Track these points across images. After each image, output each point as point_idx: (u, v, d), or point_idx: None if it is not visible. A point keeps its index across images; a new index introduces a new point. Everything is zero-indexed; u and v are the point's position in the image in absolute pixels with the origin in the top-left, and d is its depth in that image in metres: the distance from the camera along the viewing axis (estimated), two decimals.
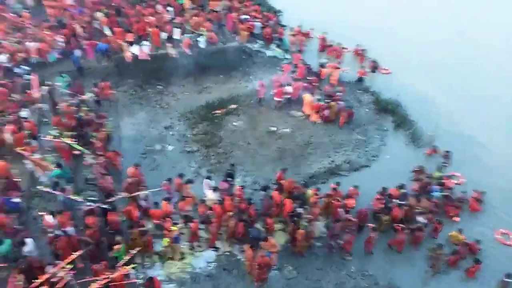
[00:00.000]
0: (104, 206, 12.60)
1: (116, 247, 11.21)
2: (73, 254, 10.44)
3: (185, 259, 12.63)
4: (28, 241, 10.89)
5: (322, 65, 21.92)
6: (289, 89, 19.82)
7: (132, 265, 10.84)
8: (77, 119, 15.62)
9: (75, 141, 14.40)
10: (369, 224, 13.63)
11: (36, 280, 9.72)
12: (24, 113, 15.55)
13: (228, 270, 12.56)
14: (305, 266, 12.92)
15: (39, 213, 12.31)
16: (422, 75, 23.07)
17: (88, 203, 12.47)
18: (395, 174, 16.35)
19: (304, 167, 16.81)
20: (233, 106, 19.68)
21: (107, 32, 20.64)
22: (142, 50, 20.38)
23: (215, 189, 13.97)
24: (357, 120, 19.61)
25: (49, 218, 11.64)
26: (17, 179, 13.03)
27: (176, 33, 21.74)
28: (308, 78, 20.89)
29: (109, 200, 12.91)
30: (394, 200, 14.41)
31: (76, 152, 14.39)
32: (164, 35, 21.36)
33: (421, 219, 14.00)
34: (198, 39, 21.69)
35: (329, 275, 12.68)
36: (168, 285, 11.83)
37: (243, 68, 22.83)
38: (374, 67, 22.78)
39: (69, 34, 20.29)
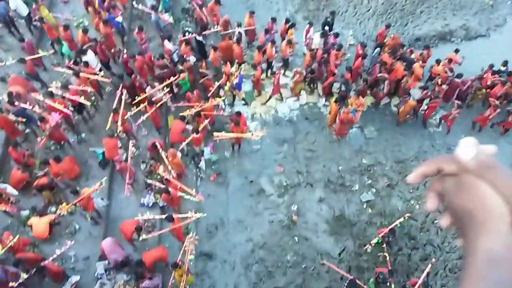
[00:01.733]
0: (198, 38, 12.75)
1: (182, 75, 11.46)
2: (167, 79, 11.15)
3: (269, 103, 12.95)
4: (89, 52, 11.21)
5: None
6: None
7: (222, 98, 11.39)
8: None
9: None
10: (456, 101, 12.28)
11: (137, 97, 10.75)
12: None
13: (309, 120, 12.77)
14: (387, 129, 12.66)
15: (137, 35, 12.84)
16: None
17: (184, 32, 12.65)
18: None
19: (411, 27, 15.04)
20: None
21: None
22: None
23: (323, 34, 12.94)
24: None
25: (168, 44, 12.07)
26: None
27: None
28: None
29: (204, 32, 12.97)
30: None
31: None
32: None
33: None
34: None
35: (412, 143, 12.38)
36: (252, 122, 12.50)
37: None
38: None
39: None
